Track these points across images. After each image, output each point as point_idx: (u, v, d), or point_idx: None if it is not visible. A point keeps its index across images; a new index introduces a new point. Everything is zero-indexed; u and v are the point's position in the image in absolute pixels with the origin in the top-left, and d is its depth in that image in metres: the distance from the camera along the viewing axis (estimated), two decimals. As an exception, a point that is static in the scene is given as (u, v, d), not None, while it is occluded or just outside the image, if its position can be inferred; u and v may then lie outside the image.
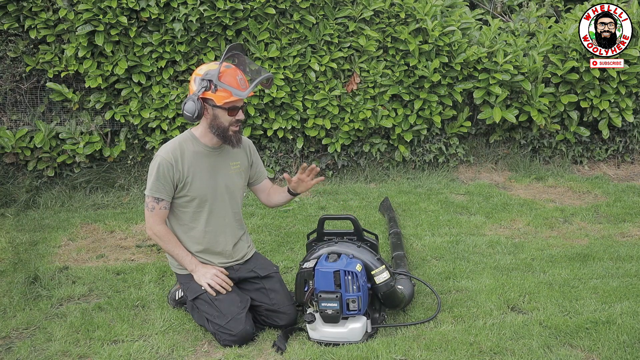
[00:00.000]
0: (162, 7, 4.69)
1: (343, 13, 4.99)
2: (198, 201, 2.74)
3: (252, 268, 2.89)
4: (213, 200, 2.77)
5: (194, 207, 2.75)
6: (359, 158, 5.44)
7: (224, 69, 2.60)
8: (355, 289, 2.60)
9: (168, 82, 4.92)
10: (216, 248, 2.81)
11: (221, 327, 2.64)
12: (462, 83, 5.23)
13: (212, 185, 2.75)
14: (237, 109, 2.66)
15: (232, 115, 2.65)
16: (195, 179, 2.71)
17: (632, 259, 3.53)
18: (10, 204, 4.67)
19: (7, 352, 2.63)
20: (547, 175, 5.37)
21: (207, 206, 2.76)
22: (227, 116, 2.65)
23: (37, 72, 4.88)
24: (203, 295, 2.71)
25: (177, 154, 2.68)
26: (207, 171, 2.74)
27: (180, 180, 2.68)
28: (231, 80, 2.60)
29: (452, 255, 3.63)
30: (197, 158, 2.72)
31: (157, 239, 2.72)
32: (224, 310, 2.66)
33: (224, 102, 2.61)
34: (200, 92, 2.58)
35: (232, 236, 2.85)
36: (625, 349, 2.51)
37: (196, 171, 2.71)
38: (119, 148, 4.98)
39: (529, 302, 2.97)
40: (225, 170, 2.80)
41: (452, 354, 2.51)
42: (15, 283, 3.27)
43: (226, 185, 2.80)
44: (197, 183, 2.71)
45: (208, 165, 2.75)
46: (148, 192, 2.67)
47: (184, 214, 2.76)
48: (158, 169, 2.65)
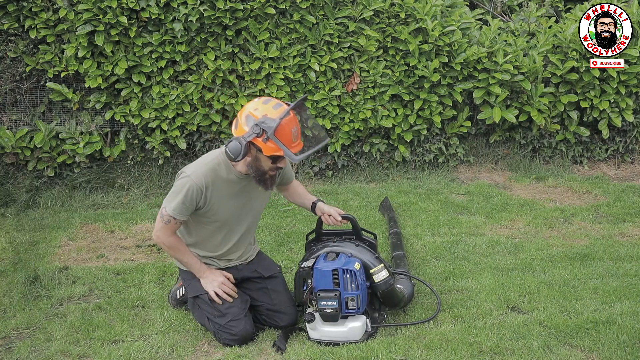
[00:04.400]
0: (162, 7, 4.69)
1: (343, 13, 4.99)
2: (219, 224, 2.72)
3: (256, 268, 2.88)
4: (235, 223, 2.76)
5: (214, 228, 2.73)
6: (359, 158, 5.44)
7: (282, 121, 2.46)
8: (353, 288, 2.60)
9: (168, 82, 4.92)
10: (226, 256, 2.82)
11: (221, 327, 2.65)
12: (462, 83, 5.23)
13: (237, 211, 2.73)
14: (282, 158, 2.56)
15: (275, 162, 2.58)
16: (222, 206, 2.67)
17: (632, 259, 3.53)
18: (10, 204, 4.66)
19: (7, 352, 2.63)
20: (547, 175, 5.37)
21: (226, 227, 2.75)
22: (269, 163, 2.57)
23: (37, 72, 4.88)
24: (204, 295, 2.71)
25: (209, 180, 2.60)
26: (236, 198, 2.70)
27: (205, 205, 2.63)
28: (286, 136, 2.47)
29: (452, 255, 3.63)
30: (229, 186, 2.66)
31: (166, 248, 2.68)
32: (224, 310, 2.67)
33: (271, 154, 2.51)
34: (250, 137, 2.46)
35: (243, 246, 2.86)
36: (625, 349, 2.51)
37: (224, 199, 2.66)
38: (119, 148, 4.98)
39: (529, 302, 2.97)
40: (255, 193, 2.76)
41: (452, 354, 2.51)
42: (15, 283, 3.27)
43: (251, 209, 2.78)
44: (223, 210, 2.68)
45: (238, 191, 2.70)
46: (170, 211, 2.58)
47: (202, 228, 2.73)
48: (187, 192, 2.56)
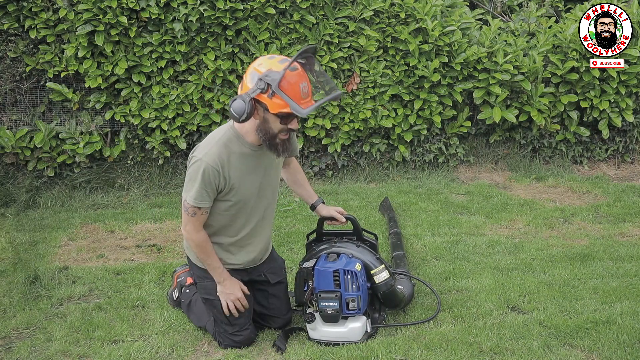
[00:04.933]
0: (162, 7, 4.69)
1: (343, 13, 4.99)
2: (242, 204, 2.54)
3: (265, 272, 2.78)
4: (256, 201, 2.58)
5: (235, 210, 2.55)
6: (359, 158, 5.44)
7: (288, 73, 2.29)
8: (354, 288, 2.60)
9: (168, 82, 4.92)
10: (247, 241, 2.64)
11: (227, 334, 2.64)
12: (462, 83, 5.23)
13: (257, 187, 2.56)
14: (291, 117, 2.37)
15: (285, 123, 2.38)
16: (242, 183, 2.50)
17: (632, 259, 3.53)
18: (10, 204, 4.66)
19: (7, 352, 2.63)
20: (547, 175, 5.37)
21: (248, 207, 2.57)
22: (278, 124, 2.38)
23: (37, 72, 4.88)
24: (217, 301, 2.62)
25: (224, 158, 2.43)
26: (254, 173, 2.53)
27: (225, 187, 2.46)
28: (293, 90, 2.28)
29: (452, 255, 3.63)
30: (244, 160, 2.49)
31: (195, 245, 2.52)
32: (233, 320, 2.64)
33: (278, 111, 2.32)
34: (254, 93, 2.29)
35: (264, 231, 2.70)
36: (625, 349, 2.51)
37: (243, 175, 2.49)
38: (119, 148, 4.98)
39: (529, 302, 2.97)
40: (271, 166, 2.60)
41: (452, 354, 2.51)
42: (15, 283, 3.27)
43: (270, 183, 2.62)
44: (244, 188, 2.51)
45: (255, 166, 2.53)
46: (191, 201, 2.42)
47: (222, 215, 2.55)
48: (203, 177, 2.39)
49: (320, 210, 2.87)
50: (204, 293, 2.68)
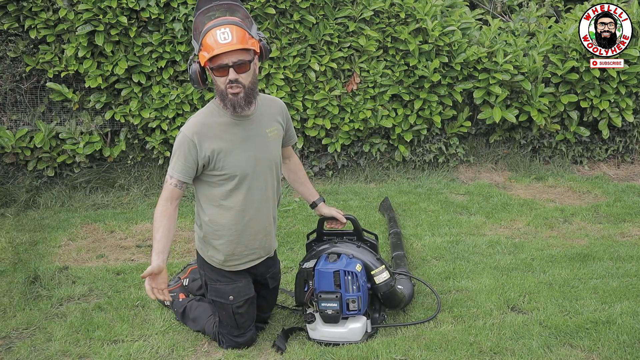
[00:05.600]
0: (162, 7, 4.69)
1: (343, 13, 4.99)
2: (238, 179, 2.47)
3: (267, 275, 2.74)
4: (253, 176, 2.50)
5: (232, 186, 2.47)
6: (359, 158, 5.44)
7: (196, 20, 2.33)
8: (355, 289, 2.60)
9: (168, 82, 4.92)
10: (251, 229, 2.57)
11: (231, 335, 2.64)
12: (462, 83, 5.23)
13: (250, 158, 2.48)
14: (225, 67, 2.33)
15: (221, 75, 2.35)
16: (229, 153, 2.44)
17: (632, 259, 3.53)
18: (10, 204, 4.66)
19: (7, 352, 2.63)
20: (547, 175, 5.37)
21: (245, 183, 2.49)
22: (217, 77, 2.36)
23: (37, 72, 4.88)
24: (228, 305, 2.59)
25: (202, 130, 2.42)
26: (241, 143, 2.47)
27: (206, 158, 2.42)
28: (210, 36, 2.30)
29: (452, 255, 3.63)
30: (226, 130, 2.45)
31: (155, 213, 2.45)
32: (240, 324, 2.63)
33: (204, 62, 2.33)
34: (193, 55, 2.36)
35: (270, 215, 2.62)
36: (625, 349, 2.51)
37: (228, 144, 2.44)
38: (119, 148, 4.98)
39: (529, 302, 2.97)
40: (262, 139, 2.52)
41: (452, 354, 2.51)
42: (15, 283, 3.27)
43: (266, 157, 2.53)
44: (232, 159, 2.45)
45: (241, 137, 2.47)
46: (170, 170, 2.44)
47: (220, 193, 2.49)
48: (181, 147, 2.41)
49: (320, 209, 2.86)
50: (214, 295, 2.64)
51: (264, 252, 2.67)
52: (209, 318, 2.75)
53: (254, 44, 2.39)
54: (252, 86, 2.42)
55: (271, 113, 2.62)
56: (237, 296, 2.60)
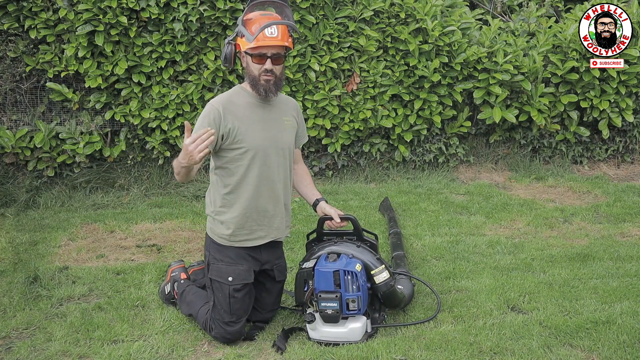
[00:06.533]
0: (162, 7, 4.69)
1: (343, 13, 4.99)
2: (253, 152, 2.61)
3: (274, 267, 2.80)
4: (268, 152, 2.64)
5: (249, 160, 2.61)
6: (359, 158, 5.44)
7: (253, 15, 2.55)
8: (354, 289, 2.60)
9: (168, 82, 4.92)
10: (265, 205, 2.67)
11: (222, 322, 2.64)
12: (462, 83, 5.23)
13: (267, 137, 2.64)
14: (263, 56, 2.55)
15: (258, 62, 2.56)
16: (249, 129, 2.61)
17: (632, 259, 3.53)
18: (10, 204, 4.66)
19: (7, 352, 2.63)
20: (547, 175, 5.37)
21: (259, 158, 2.63)
22: (254, 64, 2.57)
23: (37, 72, 4.88)
24: (226, 285, 2.64)
25: (228, 103, 2.61)
26: (260, 121, 2.65)
27: (229, 132, 2.58)
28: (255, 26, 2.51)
29: (452, 255, 3.63)
30: (249, 108, 2.65)
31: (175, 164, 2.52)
32: (234, 310, 2.65)
33: (245, 48, 2.54)
34: (232, 37, 2.58)
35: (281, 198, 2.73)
36: (625, 349, 2.51)
37: (249, 121, 2.62)
38: (119, 148, 4.98)
39: (529, 302, 2.97)
40: (279, 124, 2.71)
41: (452, 354, 2.51)
42: (15, 283, 3.27)
43: (280, 139, 2.69)
44: (251, 133, 2.61)
45: (261, 117, 2.66)
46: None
47: (237, 167, 2.62)
48: (208, 114, 2.57)
49: (322, 208, 2.87)
50: (215, 275, 2.68)
51: (272, 232, 2.74)
52: (203, 305, 2.77)
53: (290, 42, 2.62)
54: (282, 76, 2.68)
55: (288, 107, 2.81)
56: (236, 278, 2.65)
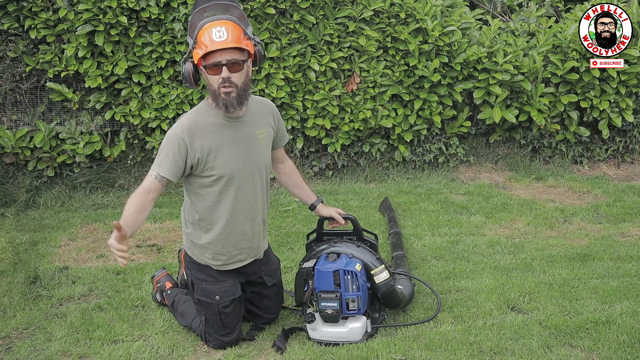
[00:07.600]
0: (162, 7, 4.69)
1: (343, 13, 4.99)
2: (226, 179, 2.45)
3: (262, 274, 2.75)
4: (242, 176, 2.49)
5: (221, 186, 2.46)
6: (359, 158, 5.44)
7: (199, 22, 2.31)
8: (354, 289, 2.60)
9: (168, 82, 4.92)
10: (240, 229, 2.56)
11: (217, 335, 2.64)
12: (462, 83, 5.23)
13: (239, 159, 2.47)
14: (218, 65, 2.32)
15: (214, 73, 2.34)
16: (219, 154, 2.42)
17: (632, 259, 3.53)
18: (10, 204, 4.67)
19: (7, 352, 2.63)
20: (547, 175, 5.37)
21: (234, 184, 2.48)
22: (210, 76, 2.35)
23: (37, 72, 4.88)
24: (214, 305, 2.60)
25: (194, 130, 2.39)
26: (231, 143, 2.46)
27: (200, 162, 2.41)
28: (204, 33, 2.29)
29: (452, 255, 3.63)
30: (217, 131, 2.44)
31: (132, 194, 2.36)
32: (226, 324, 2.63)
33: (197, 60, 2.32)
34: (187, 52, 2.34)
35: (259, 217, 2.62)
36: (625, 349, 2.51)
37: (218, 145, 2.42)
38: (119, 148, 4.98)
39: (529, 302, 2.97)
40: (252, 142, 2.52)
41: (452, 354, 2.51)
42: (15, 283, 3.27)
43: (255, 159, 2.53)
44: (222, 158, 2.43)
45: (232, 138, 2.46)
46: (154, 166, 2.38)
47: (209, 194, 2.48)
48: (170, 145, 2.37)
49: (320, 210, 2.86)
50: (201, 295, 2.64)
51: (252, 252, 2.68)
52: (195, 316, 2.76)
53: (248, 44, 2.39)
54: (245, 87, 2.41)
55: (262, 115, 2.62)
56: (223, 296, 2.60)
